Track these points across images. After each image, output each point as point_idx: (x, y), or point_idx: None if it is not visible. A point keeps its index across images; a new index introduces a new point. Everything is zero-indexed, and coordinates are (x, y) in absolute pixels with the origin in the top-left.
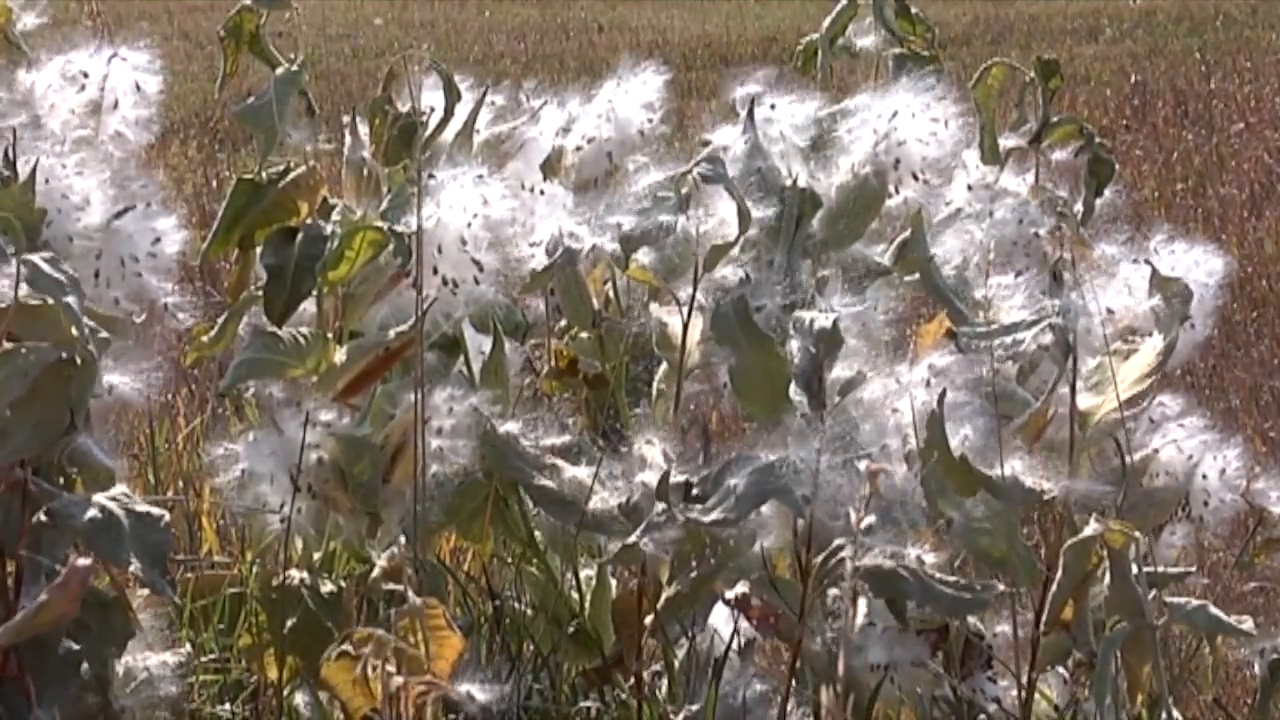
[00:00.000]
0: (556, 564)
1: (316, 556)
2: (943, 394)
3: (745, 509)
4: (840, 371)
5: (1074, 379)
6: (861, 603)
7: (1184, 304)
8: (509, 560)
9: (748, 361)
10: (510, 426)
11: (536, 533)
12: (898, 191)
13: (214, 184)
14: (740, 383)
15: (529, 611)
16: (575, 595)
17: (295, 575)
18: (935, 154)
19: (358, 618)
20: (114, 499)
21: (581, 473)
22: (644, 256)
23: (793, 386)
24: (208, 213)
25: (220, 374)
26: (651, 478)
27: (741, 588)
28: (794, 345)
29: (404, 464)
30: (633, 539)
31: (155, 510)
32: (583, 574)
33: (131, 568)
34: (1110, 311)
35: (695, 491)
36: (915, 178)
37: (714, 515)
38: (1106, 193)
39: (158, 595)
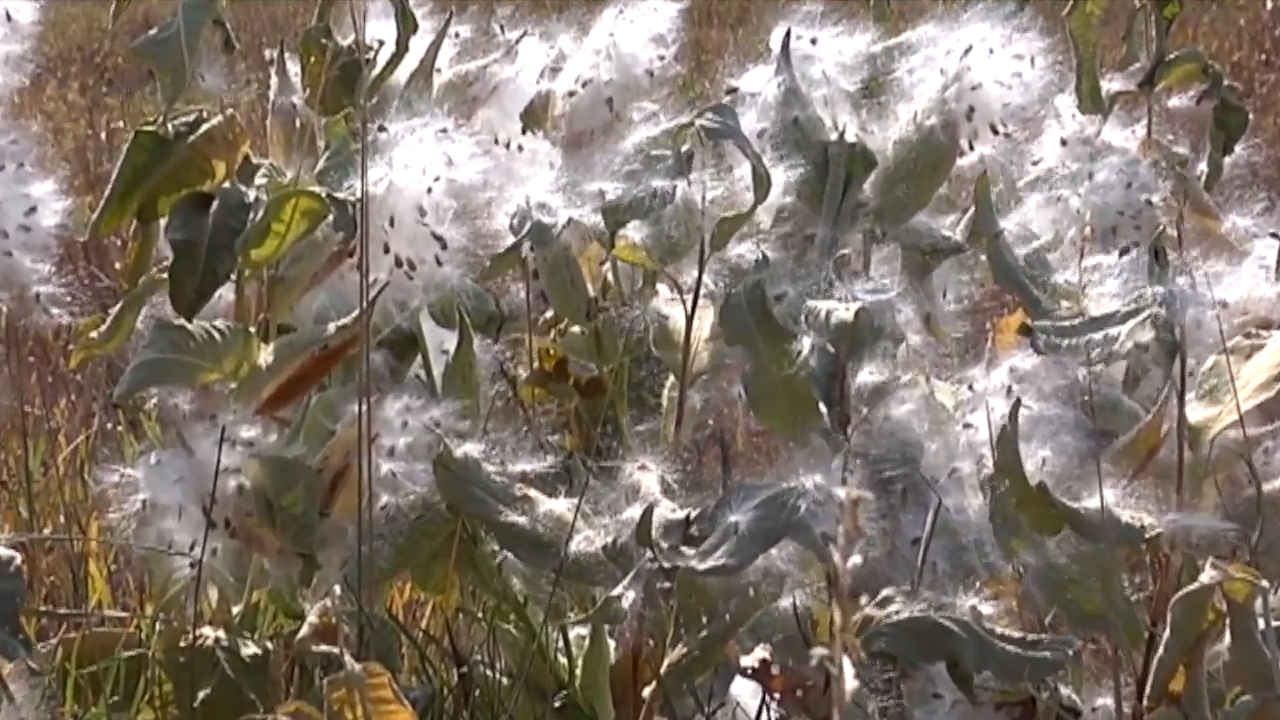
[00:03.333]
0: (539, 620)
1: (236, 611)
2: (1016, 405)
3: (751, 552)
4: (875, 377)
5: (1182, 385)
6: (937, 670)
7: None
8: (479, 615)
9: (765, 364)
10: (470, 448)
11: (514, 581)
12: (972, 148)
13: (103, 136)
14: (756, 390)
15: (504, 680)
16: (563, 660)
17: (209, 634)
18: (1019, 100)
19: (287, 688)
20: None
21: (561, 506)
22: (635, 232)
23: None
24: (96, 174)
25: (112, 379)
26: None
27: (761, 652)
28: (806, 343)
29: (346, 493)
30: (616, 591)
31: (3, 552)
32: (572, 633)
33: None
34: (1224, 305)
35: (694, 530)
36: (994, 130)
37: (710, 561)
38: (1238, 149)
39: (8, 659)
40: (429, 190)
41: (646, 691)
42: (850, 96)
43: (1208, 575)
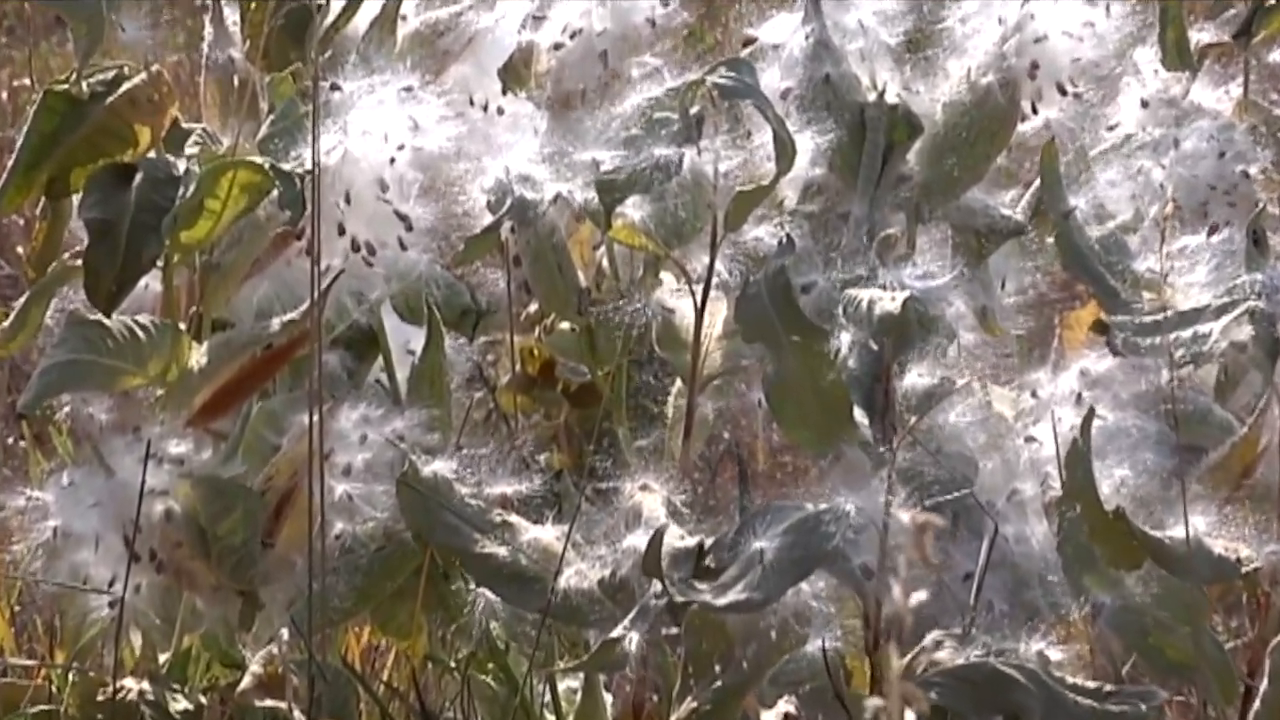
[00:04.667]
0: (522, 669)
1: (163, 658)
2: (1089, 415)
3: (779, 586)
4: (925, 380)
5: None
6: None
7: None
8: (451, 664)
9: (790, 366)
10: (441, 466)
11: (493, 623)
12: (1035, 111)
13: (4, 96)
14: (780, 397)
15: None
16: (550, 716)
17: (131, 686)
18: (1092, 54)
19: None
20: None
21: (549, 534)
22: (635, 210)
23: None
24: None
25: (15, 385)
26: (645, 540)
27: (785, 705)
28: (845, 339)
29: (294, 520)
30: (616, 632)
31: None
32: (561, 685)
33: None
34: None
35: (710, 560)
36: (1062, 90)
37: (730, 596)
38: None
39: None
40: (391, 161)
41: None
42: (891, 50)
43: None
